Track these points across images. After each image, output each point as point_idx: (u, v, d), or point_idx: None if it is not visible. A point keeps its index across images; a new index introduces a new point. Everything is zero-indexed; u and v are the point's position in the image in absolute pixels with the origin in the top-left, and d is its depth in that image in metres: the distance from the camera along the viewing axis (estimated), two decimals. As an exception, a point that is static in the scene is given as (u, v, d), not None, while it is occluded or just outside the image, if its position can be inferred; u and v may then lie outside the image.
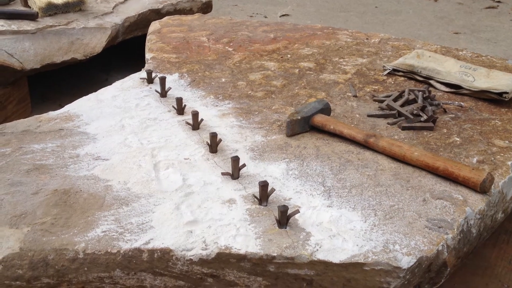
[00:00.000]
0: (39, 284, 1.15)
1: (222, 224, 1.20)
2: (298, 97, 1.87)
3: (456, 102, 1.82)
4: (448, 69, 2.00)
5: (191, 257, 1.13)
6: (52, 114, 1.72)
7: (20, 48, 2.45)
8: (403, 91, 1.84)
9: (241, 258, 1.12)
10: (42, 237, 1.16)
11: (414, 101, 1.79)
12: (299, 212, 1.19)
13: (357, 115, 1.73)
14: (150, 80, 1.96)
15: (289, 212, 1.17)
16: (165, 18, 2.80)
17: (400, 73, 2.07)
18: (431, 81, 1.99)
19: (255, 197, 1.27)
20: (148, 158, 1.46)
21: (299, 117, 1.58)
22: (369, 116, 1.73)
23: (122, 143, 1.54)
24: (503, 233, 1.71)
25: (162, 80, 1.83)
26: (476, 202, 1.29)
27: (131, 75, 2.06)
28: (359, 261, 1.10)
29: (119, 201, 1.28)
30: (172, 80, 1.99)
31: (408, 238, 1.16)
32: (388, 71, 2.09)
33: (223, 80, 2.01)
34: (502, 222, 1.51)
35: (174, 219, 1.21)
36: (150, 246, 1.14)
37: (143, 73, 2.04)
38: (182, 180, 1.36)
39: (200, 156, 1.47)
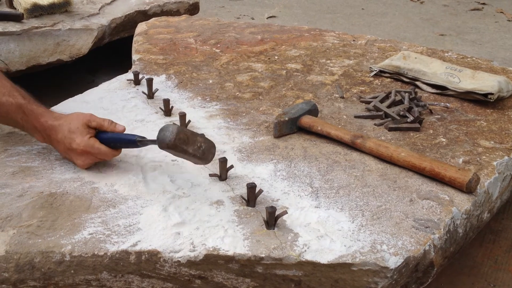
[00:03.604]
0: (25, 287, 1.14)
1: (210, 226, 1.19)
2: (285, 98, 1.87)
3: (442, 103, 1.83)
4: (434, 70, 2.01)
5: (179, 259, 1.12)
6: (38, 116, 1.70)
7: (5, 49, 2.43)
8: (390, 92, 1.86)
9: (229, 259, 1.12)
10: (28, 239, 1.15)
11: (401, 102, 1.80)
12: (287, 213, 1.20)
13: (344, 116, 1.74)
14: (137, 82, 1.96)
15: (277, 213, 1.17)
16: (152, 20, 2.79)
17: (387, 75, 2.09)
18: (417, 82, 2.00)
19: (243, 198, 1.27)
20: (135, 159, 1.46)
21: (286, 118, 1.58)
22: (356, 117, 1.74)
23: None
24: (489, 232, 1.73)
25: (149, 82, 1.83)
26: (462, 202, 1.30)
27: (117, 76, 2.04)
28: (346, 262, 1.10)
29: (106, 203, 1.27)
30: (159, 81, 1.99)
31: (395, 238, 1.16)
32: (374, 72, 2.10)
33: (211, 81, 2.01)
34: (488, 222, 1.52)
35: (161, 221, 1.21)
36: (137, 248, 1.13)
37: (129, 75, 2.03)
38: (170, 181, 1.36)
39: (188, 158, 1.47)
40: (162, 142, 1.22)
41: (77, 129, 1.36)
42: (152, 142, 1.30)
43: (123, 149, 1.41)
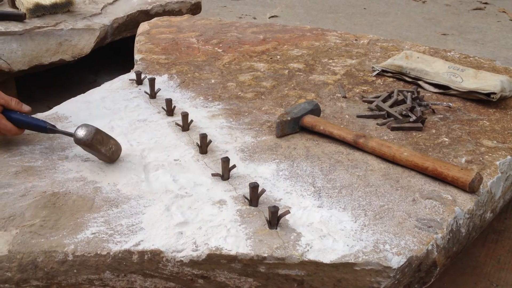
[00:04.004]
0: (28, 286, 1.14)
1: (212, 225, 1.19)
2: (287, 98, 1.87)
3: (445, 103, 1.83)
4: (437, 70, 2.01)
5: (182, 259, 1.12)
6: (40, 115, 1.70)
7: (7, 49, 2.43)
8: (392, 92, 1.85)
9: (231, 259, 1.12)
10: (31, 239, 1.15)
11: (403, 101, 1.80)
12: (290, 212, 1.20)
13: (347, 116, 1.73)
14: (139, 82, 1.96)
15: (280, 212, 1.17)
16: (154, 19, 2.79)
17: (389, 74, 2.08)
18: (420, 82, 2.00)
19: (246, 198, 1.27)
20: (137, 159, 1.46)
21: (289, 118, 1.58)
22: (358, 116, 1.73)
23: (111, 145, 1.53)
24: (491, 232, 1.73)
25: (152, 81, 1.83)
26: (465, 202, 1.30)
27: (120, 76, 2.05)
28: (349, 261, 1.10)
29: (108, 203, 1.27)
30: (161, 81, 1.99)
31: (398, 237, 1.16)
32: (377, 72, 2.10)
33: (213, 81, 2.01)
34: (491, 221, 1.52)
35: (164, 221, 1.21)
36: (140, 247, 1.13)
37: (132, 75, 2.03)
38: (172, 181, 1.36)
39: (190, 157, 1.47)
40: (80, 140, 1.35)
41: None
42: (64, 133, 1.43)
43: (123, 148, 1.43)
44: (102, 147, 1.37)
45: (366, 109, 1.79)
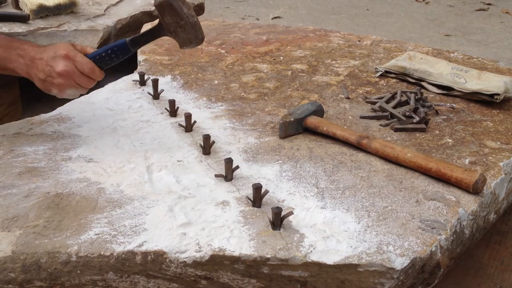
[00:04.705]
0: (32, 287, 1.15)
1: (215, 226, 1.19)
2: (291, 99, 1.87)
3: (448, 104, 1.83)
4: (440, 71, 2.01)
5: (185, 260, 1.12)
6: (44, 116, 1.71)
7: (11, 50, 2.43)
8: (396, 93, 1.85)
9: (235, 260, 1.12)
10: (34, 240, 1.15)
11: (406, 102, 1.79)
12: (293, 213, 1.19)
13: (350, 117, 1.73)
14: (142, 82, 1.96)
15: (283, 213, 1.17)
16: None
17: (392, 75, 2.08)
18: (423, 83, 2.00)
19: (249, 199, 1.27)
20: (141, 160, 1.46)
21: (292, 119, 1.58)
22: (361, 117, 1.73)
23: (114, 146, 1.53)
24: (495, 233, 1.72)
25: (155, 82, 1.83)
26: (469, 203, 1.30)
27: (123, 77, 2.05)
28: (353, 262, 1.10)
29: (112, 204, 1.27)
30: (164, 82, 1.99)
31: (402, 239, 1.16)
32: (380, 73, 2.10)
33: (216, 82, 2.01)
34: (494, 223, 1.51)
35: (167, 221, 1.21)
36: (143, 248, 1.13)
37: (135, 75, 2.03)
38: (176, 182, 1.36)
39: (193, 158, 1.47)
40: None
41: (64, 44, 1.45)
42: (145, 35, 1.36)
43: (126, 149, 1.42)
44: (184, 7, 1.25)
45: (369, 110, 1.79)
